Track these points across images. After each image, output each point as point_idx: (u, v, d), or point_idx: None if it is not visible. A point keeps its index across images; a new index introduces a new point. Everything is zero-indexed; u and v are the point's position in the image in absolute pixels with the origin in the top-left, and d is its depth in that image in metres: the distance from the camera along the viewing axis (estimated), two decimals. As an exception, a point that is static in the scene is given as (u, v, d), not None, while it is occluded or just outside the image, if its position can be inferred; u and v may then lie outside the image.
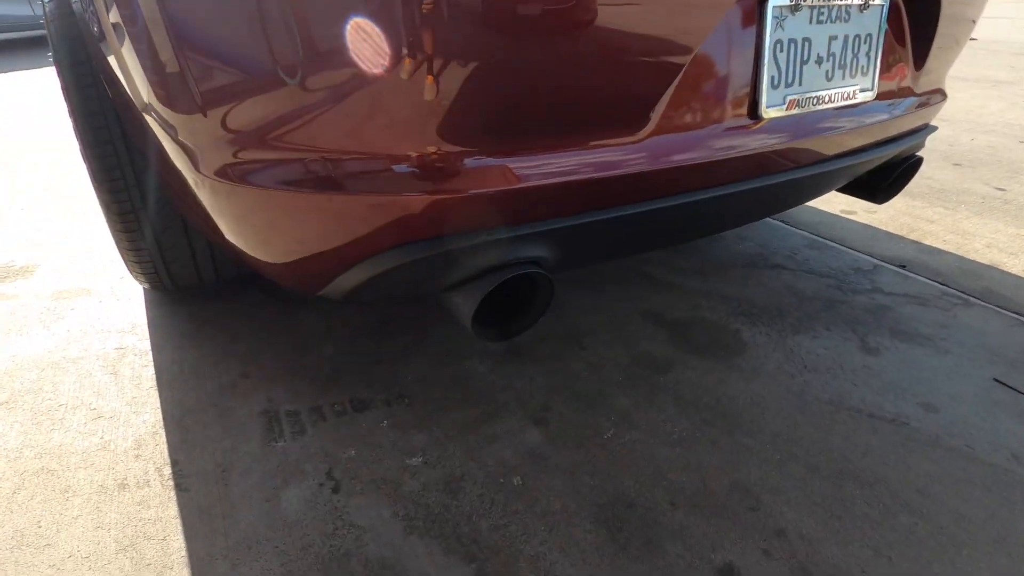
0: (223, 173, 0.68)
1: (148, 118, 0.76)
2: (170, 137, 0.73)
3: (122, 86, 0.79)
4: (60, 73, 0.98)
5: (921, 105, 1.02)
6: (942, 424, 0.96)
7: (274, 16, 0.56)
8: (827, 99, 0.82)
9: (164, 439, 0.92)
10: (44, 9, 1.09)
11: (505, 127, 0.62)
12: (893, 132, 0.98)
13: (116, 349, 1.14)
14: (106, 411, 0.98)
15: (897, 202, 1.93)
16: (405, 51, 0.55)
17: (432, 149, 0.60)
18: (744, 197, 0.82)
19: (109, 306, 1.28)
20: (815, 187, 0.97)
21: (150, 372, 1.07)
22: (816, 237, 1.67)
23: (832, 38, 0.80)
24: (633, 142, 0.68)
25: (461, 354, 1.13)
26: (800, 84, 0.78)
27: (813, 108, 0.81)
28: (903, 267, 1.50)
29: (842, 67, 0.83)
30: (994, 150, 2.46)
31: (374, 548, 0.74)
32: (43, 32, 5.02)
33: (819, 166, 0.88)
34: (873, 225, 1.76)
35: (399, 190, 0.62)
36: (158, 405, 0.99)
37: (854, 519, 0.79)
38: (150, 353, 1.13)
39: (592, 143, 0.66)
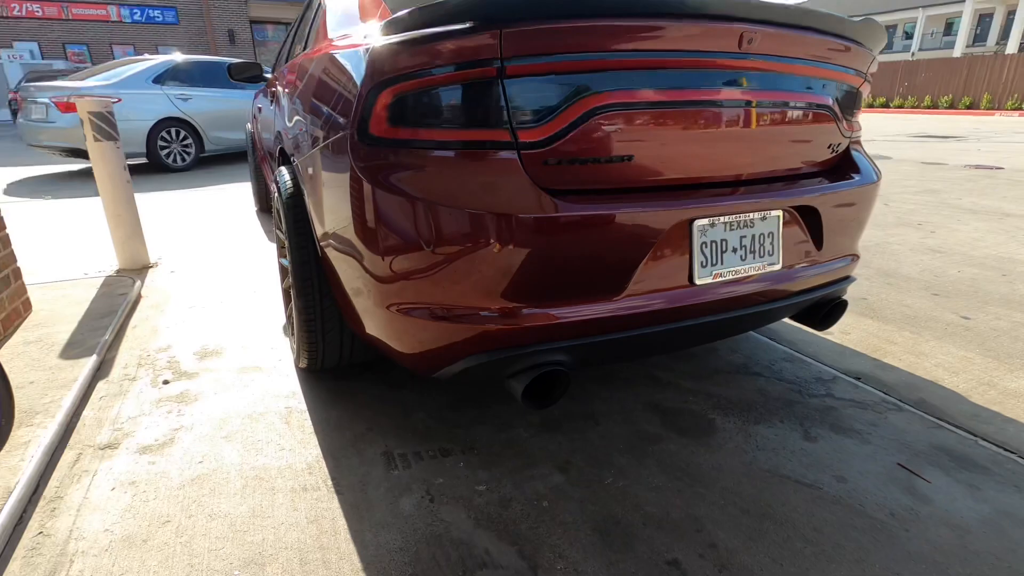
0: (393, 303, 1.27)
1: (340, 247, 1.35)
2: (361, 268, 1.30)
3: (328, 237, 1.42)
4: (285, 229, 1.65)
5: (826, 270, 1.53)
6: (847, 490, 1.37)
7: (422, 217, 1.15)
8: (744, 271, 1.35)
9: (324, 465, 1.46)
10: (276, 185, 1.79)
11: (543, 292, 1.18)
12: (802, 289, 1.49)
13: (285, 408, 1.72)
14: (286, 446, 1.53)
15: (871, 325, 2.35)
16: (495, 250, 1.12)
17: (502, 304, 1.17)
18: (695, 329, 1.34)
19: (276, 379, 1.89)
20: (748, 323, 1.47)
21: (309, 424, 1.64)
22: (794, 352, 2.11)
23: (743, 236, 1.34)
24: (615, 299, 1.22)
25: (512, 425, 1.63)
26: (722, 264, 1.32)
27: (733, 277, 1.34)
28: (858, 379, 1.92)
29: (752, 252, 1.37)
30: (974, 282, 2.85)
31: (456, 533, 1.23)
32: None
33: (745, 310, 1.39)
34: (844, 344, 2.19)
35: (485, 324, 1.18)
36: (316, 444, 1.54)
37: (765, 542, 1.21)
38: (307, 412, 1.70)
39: (592, 301, 1.21)
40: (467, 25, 1.05)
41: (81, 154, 6.23)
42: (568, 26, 1.07)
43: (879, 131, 12.93)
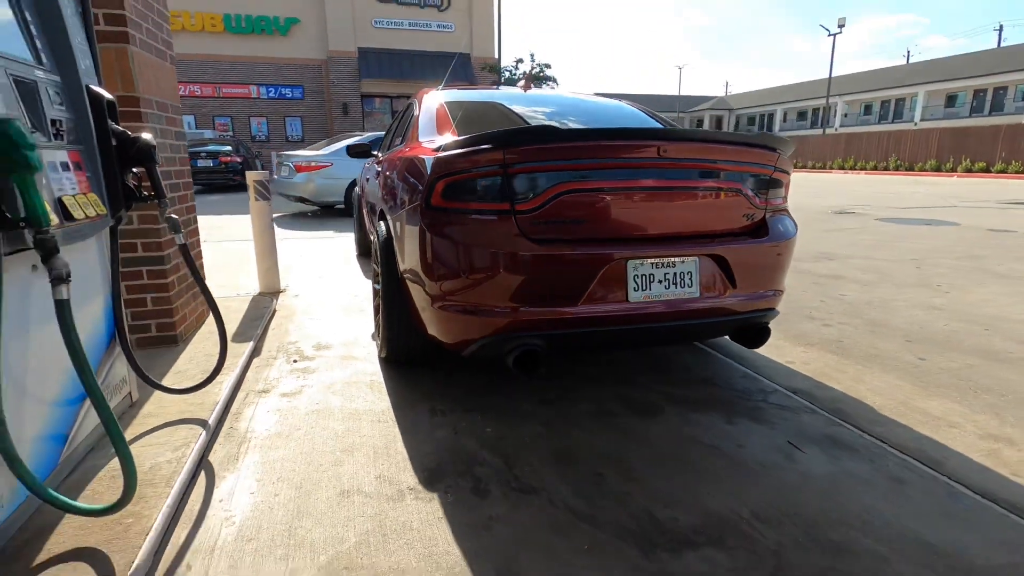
0: (438, 303, 2.07)
1: (412, 274, 2.19)
2: (420, 287, 2.13)
3: (406, 265, 2.26)
4: (380, 262, 2.53)
5: (739, 301, 2.16)
6: (740, 452, 1.95)
7: (461, 253, 1.96)
8: (666, 296, 2.04)
9: (391, 412, 2.25)
10: (376, 233, 2.71)
11: (528, 300, 1.93)
12: (718, 313, 2.13)
13: (370, 380, 2.55)
14: (369, 399, 2.35)
15: (831, 359, 2.85)
16: (500, 272, 1.91)
17: (504, 305, 1.94)
18: (631, 333, 2.03)
19: (365, 364, 2.74)
20: (673, 335, 2.12)
21: (384, 389, 2.45)
22: (751, 372, 2.68)
23: (666, 272, 2.04)
24: (573, 307, 1.96)
25: (519, 400, 2.35)
26: (650, 290, 2.02)
27: (659, 299, 2.03)
28: (794, 393, 2.46)
29: (674, 284, 2.05)
30: (953, 334, 3.23)
31: (467, 448, 1.95)
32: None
33: (669, 323, 2.06)
34: (799, 371, 2.72)
35: (500, 317, 1.95)
36: (387, 400, 2.34)
37: (665, 470, 1.83)
38: (383, 383, 2.52)
39: (559, 306, 1.95)
40: (486, 147, 1.89)
41: (306, 202, 8.58)
42: (541, 147, 1.89)
43: (967, 197, 12.56)
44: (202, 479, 1.76)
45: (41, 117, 1.45)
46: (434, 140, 2.49)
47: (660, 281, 2.03)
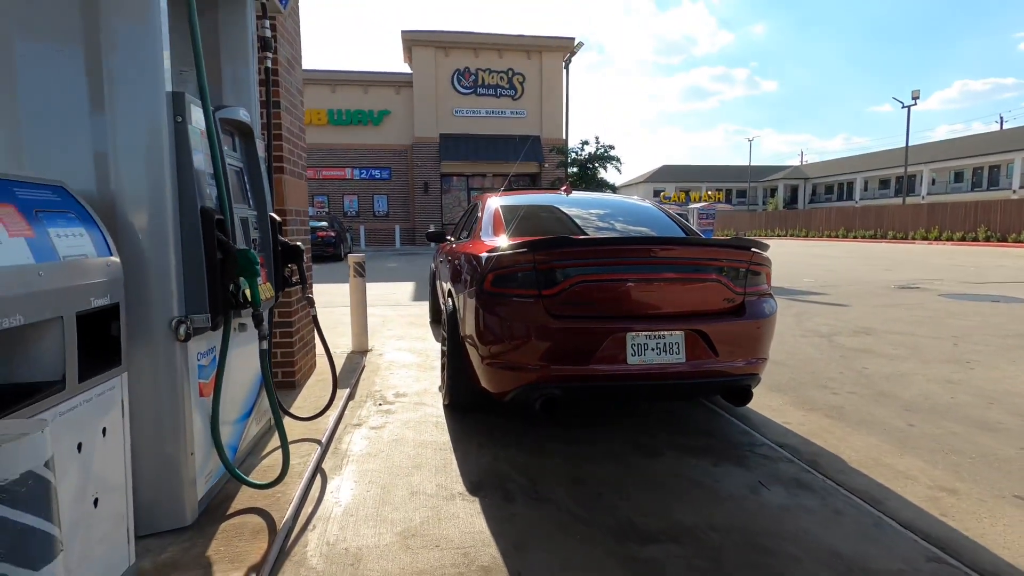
0: (486, 361, 2.81)
1: (470, 338, 2.96)
2: (475, 349, 2.89)
3: (465, 332, 3.04)
4: (446, 329, 3.34)
5: (721, 368, 2.74)
6: (717, 486, 2.49)
7: (504, 324, 2.71)
8: (658, 360, 2.67)
9: (450, 443, 2.96)
10: (446, 306, 3.55)
11: (552, 359, 2.64)
12: (703, 377, 2.72)
13: (435, 420, 3.30)
14: (434, 434, 3.08)
15: (825, 422, 3.28)
16: (532, 340, 2.64)
17: (534, 363, 2.65)
18: (630, 389, 2.67)
19: (432, 409, 3.50)
20: (665, 392, 2.72)
21: (445, 427, 3.18)
22: (749, 429, 3.17)
23: (659, 342, 2.68)
24: (584, 366, 2.63)
25: (548, 442, 2.99)
26: (644, 356, 2.66)
27: (652, 363, 2.66)
28: (780, 447, 2.94)
29: (665, 351, 2.69)
30: (954, 406, 3.54)
31: (502, 471, 2.62)
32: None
33: (661, 382, 2.67)
34: (793, 429, 3.18)
35: (530, 372, 2.66)
36: (447, 435, 3.07)
37: (655, 494, 2.41)
38: (445, 423, 3.25)
39: (574, 365, 2.64)
40: (523, 250, 2.69)
41: None
42: (560, 250, 2.65)
43: (1054, 272, 11.96)
44: (319, 478, 2.54)
45: (249, 238, 2.41)
46: (492, 240, 3.33)
47: (653, 349, 2.67)
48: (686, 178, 58.90)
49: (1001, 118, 62.62)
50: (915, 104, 31.31)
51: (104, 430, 1.53)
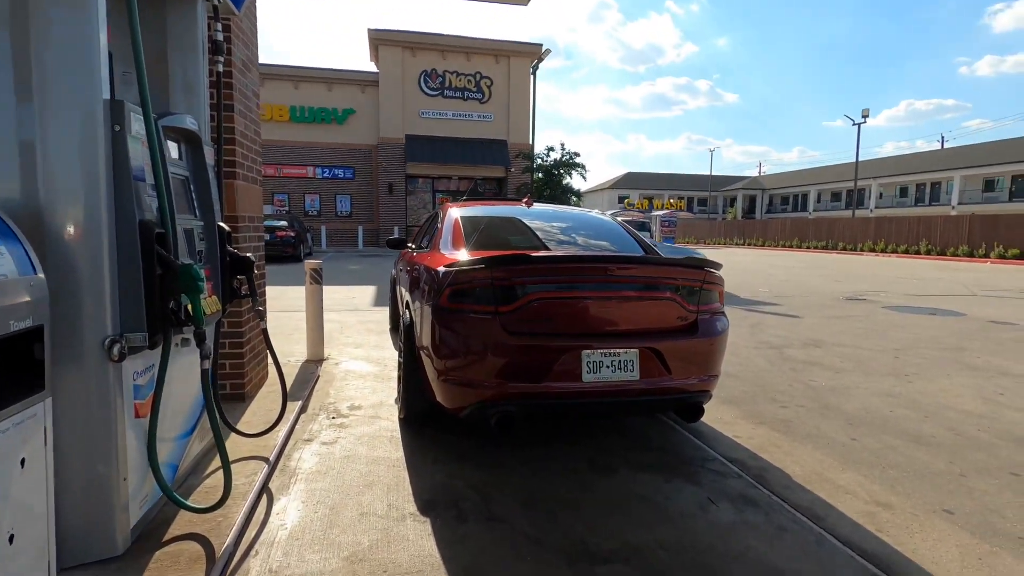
0: (442, 376, 2.78)
1: (425, 353, 2.92)
2: (431, 363, 2.86)
3: (421, 345, 3.00)
4: (403, 341, 3.29)
5: (674, 385, 2.79)
6: (666, 503, 2.52)
7: (460, 340, 2.68)
8: (613, 378, 2.69)
9: (403, 459, 2.92)
10: (402, 318, 3.50)
11: (506, 376, 2.63)
12: (656, 394, 2.76)
13: (390, 434, 3.24)
14: (388, 449, 3.03)
15: (774, 436, 3.38)
16: (487, 356, 2.62)
17: (489, 380, 2.64)
18: (585, 406, 2.68)
19: (387, 422, 3.44)
20: (620, 408, 2.75)
21: (400, 442, 3.13)
22: (701, 444, 3.24)
23: (613, 360, 2.70)
24: (538, 383, 2.63)
25: (503, 456, 2.98)
26: (599, 373, 2.68)
27: (607, 380, 2.68)
28: (731, 462, 3.01)
29: (620, 369, 2.71)
30: (892, 419, 3.70)
31: (456, 488, 2.59)
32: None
33: (615, 399, 2.70)
34: (743, 444, 3.26)
35: (486, 389, 2.64)
36: (402, 450, 3.02)
37: (605, 512, 2.42)
38: (399, 437, 3.20)
39: (528, 383, 2.64)
40: (480, 267, 2.67)
41: None
42: (517, 267, 2.65)
43: (990, 285, 12.72)
44: (264, 499, 2.45)
45: (194, 250, 2.31)
46: (451, 252, 3.30)
47: (607, 367, 2.69)
48: (650, 185, 60.11)
49: (943, 137, 66.26)
50: (864, 121, 32.85)
51: (23, 461, 1.43)
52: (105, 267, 1.76)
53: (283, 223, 16.75)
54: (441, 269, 2.89)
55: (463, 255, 3.24)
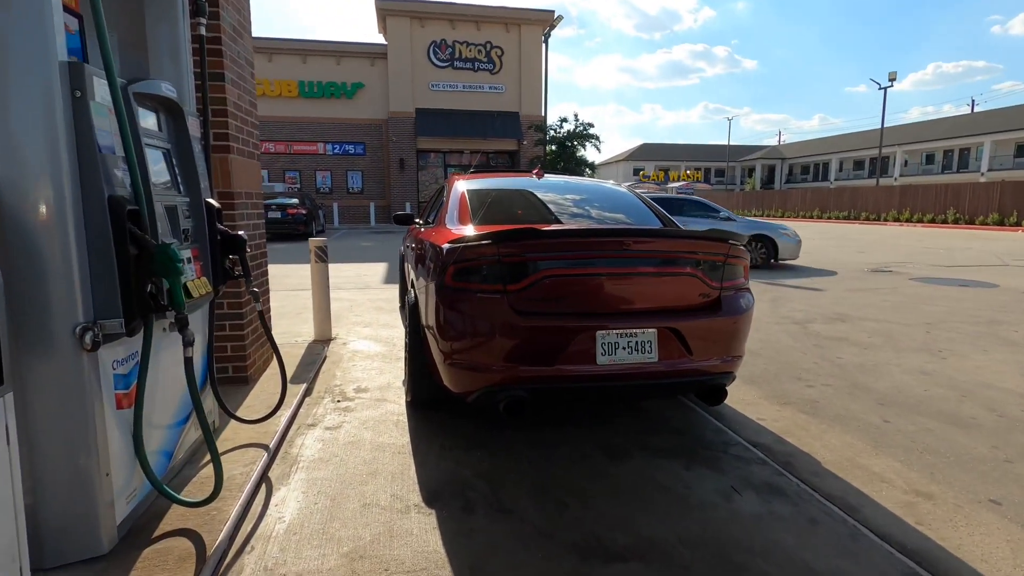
0: (448, 359, 2.63)
1: (430, 335, 2.77)
2: (436, 346, 2.70)
3: (427, 326, 2.85)
4: (408, 322, 3.13)
5: (695, 367, 2.60)
6: (687, 492, 2.37)
7: (466, 322, 2.52)
8: (629, 360, 2.52)
9: (409, 444, 2.79)
10: (407, 298, 3.33)
11: (517, 359, 2.46)
12: (676, 376, 2.58)
13: (396, 419, 3.11)
14: (394, 434, 2.90)
15: (800, 418, 3.19)
16: (495, 338, 2.45)
17: (498, 364, 2.47)
18: (599, 390, 2.52)
19: (393, 406, 3.32)
20: (636, 393, 2.58)
21: (406, 427, 3.00)
22: (722, 426, 3.07)
23: (630, 341, 2.52)
24: (550, 367, 2.47)
25: (514, 442, 2.84)
26: (615, 355, 2.50)
27: (623, 362, 2.51)
28: (754, 446, 2.83)
29: (637, 350, 2.53)
30: (927, 399, 3.49)
31: (463, 477, 2.46)
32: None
33: (632, 382, 2.53)
34: (767, 427, 3.09)
35: (494, 373, 2.48)
36: (408, 436, 2.89)
37: (622, 502, 2.27)
38: (406, 421, 3.07)
39: (540, 366, 2.47)
40: (487, 243, 2.48)
41: None
42: (527, 243, 2.46)
43: (1021, 253, 12.21)
44: (263, 489, 2.35)
45: (179, 229, 2.16)
46: (457, 228, 3.12)
47: (624, 348, 2.51)
48: (666, 157, 58.88)
49: (973, 101, 63.68)
50: (892, 85, 31.51)
51: (-18, 462, 1.31)
52: (72, 249, 1.61)
53: (294, 201, 16.63)
54: (445, 246, 2.71)
55: (469, 230, 3.05)
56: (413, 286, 3.36)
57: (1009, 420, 3.14)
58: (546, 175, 4.05)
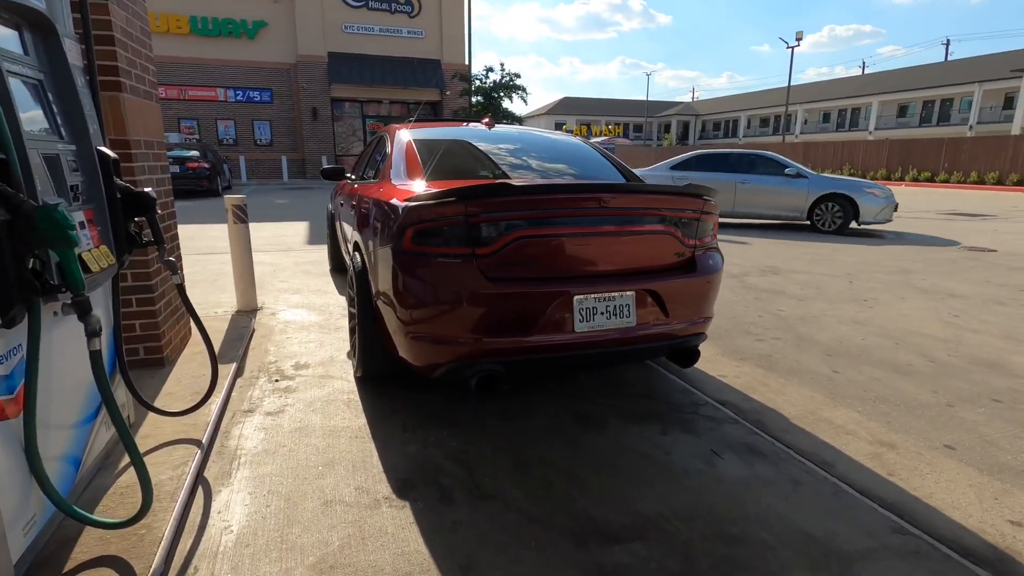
0: (409, 334, 2.35)
1: (385, 304, 2.47)
2: (393, 315, 2.41)
3: (380, 294, 2.53)
4: (356, 290, 2.79)
5: (671, 329, 2.50)
6: (667, 459, 2.29)
7: (428, 290, 2.24)
8: (608, 325, 2.36)
9: (367, 427, 2.52)
10: (352, 264, 2.97)
11: (487, 330, 2.23)
12: (653, 339, 2.47)
13: (347, 398, 2.81)
14: (346, 417, 2.61)
15: (758, 373, 3.23)
16: (462, 307, 2.20)
17: (465, 335, 2.23)
18: (579, 358, 2.35)
19: (341, 383, 2.99)
20: (616, 358, 2.45)
21: (360, 407, 2.71)
22: (687, 386, 3.03)
23: (607, 305, 2.36)
24: (526, 336, 2.26)
25: (483, 415, 2.64)
26: (593, 321, 2.33)
27: (601, 328, 2.35)
28: (722, 404, 2.82)
29: (615, 315, 2.37)
30: (867, 348, 3.66)
31: (434, 461, 2.24)
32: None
33: (612, 349, 2.38)
34: (730, 384, 3.09)
35: (463, 345, 2.24)
36: (364, 417, 2.61)
37: (603, 475, 2.15)
38: (359, 401, 2.78)
39: (513, 336, 2.26)
40: (451, 199, 2.18)
41: None
42: (498, 200, 2.19)
43: (909, 207, 13.40)
44: (200, 494, 2.00)
45: (64, 185, 1.69)
46: (405, 184, 2.77)
47: (602, 313, 2.35)
48: (586, 111, 59.03)
49: (863, 64, 68.35)
50: (799, 45, 33.05)
51: None
52: (-92, 213, 1.16)
53: (194, 153, 14.96)
54: (401, 204, 2.38)
55: (420, 186, 2.72)
56: (359, 250, 3.00)
57: (940, 365, 3.35)
58: (496, 125, 3.73)
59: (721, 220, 9.63)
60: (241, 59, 21.74)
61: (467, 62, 22.91)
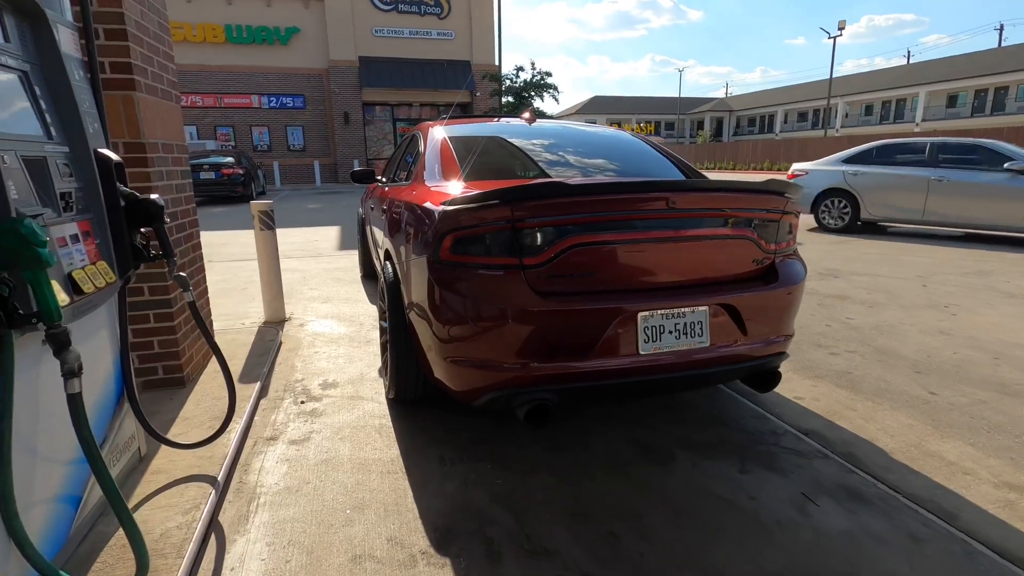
0: (448, 356, 2.06)
1: (420, 320, 2.18)
2: (429, 334, 2.12)
3: (414, 306, 2.25)
4: (387, 303, 2.52)
5: (750, 349, 2.15)
6: (752, 504, 1.94)
7: (469, 307, 1.95)
8: (678, 346, 2.02)
9: (400, 460, 2.24)
10: (383, 275, 2.70)
11: (538, 354, 1.92)
12: (730, 362, 2.12)
13: (379, 424, 2.54)
14: (378, 447, 2.34)
15: (841, 395, 2.83)
16: (508, 328, 1.89)
17: (513, 360, 1.92)
18: (642, 384, 2.02)
19: (372, 405, 2.73)
20: (685, 384, 2.11)
21: (392, 434, 2.44)
22: (762, 411, 2.66)
23: (676, 323, 2.02)
24: (583, 361, 1.94)
25: (529, 445, 2.34)
26: (660, 341, 2.00)
27: (670, 350, 2.01)
28: (806, 434, 2.44)
29: (685, 334, 2.03)
30: (962, 364, 3.20)
31: (476, 504, 1.94)
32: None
33: (681, 373, 2.04)
34: (810, 408, 2.70)
35: (510, 370, 1.93)
36: (397, 447, 2.33)
37: (679, 525, 1.82)
38: (392, 427, 2.51)
39: (568, 361, 1.94)
40: (494, 202, 1.88)
41: None
42: (548, 202, 1.88)
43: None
44: (212, 544, 1.75)
45: (51, 192, 1.45)
46: (440, 185, 2.49)
47: (670, 332, 2.01)
48: (617, 110, 58.23)
49: (908, 53, 65.59)
50: (840, 35, 31.72)
51: None
52: None
53: (230, 160, 15.12)
54: (436, 209, 2.09)
55: (458, 188, 2.43)
56: (390, 259, 2.73)
57: (1057, 385, 2.89)
58: (538, 120, 3.42)
59: (900, 229, 8.70)
60: (275, 66, 22.02)
61: (497, 62, 22.66)
